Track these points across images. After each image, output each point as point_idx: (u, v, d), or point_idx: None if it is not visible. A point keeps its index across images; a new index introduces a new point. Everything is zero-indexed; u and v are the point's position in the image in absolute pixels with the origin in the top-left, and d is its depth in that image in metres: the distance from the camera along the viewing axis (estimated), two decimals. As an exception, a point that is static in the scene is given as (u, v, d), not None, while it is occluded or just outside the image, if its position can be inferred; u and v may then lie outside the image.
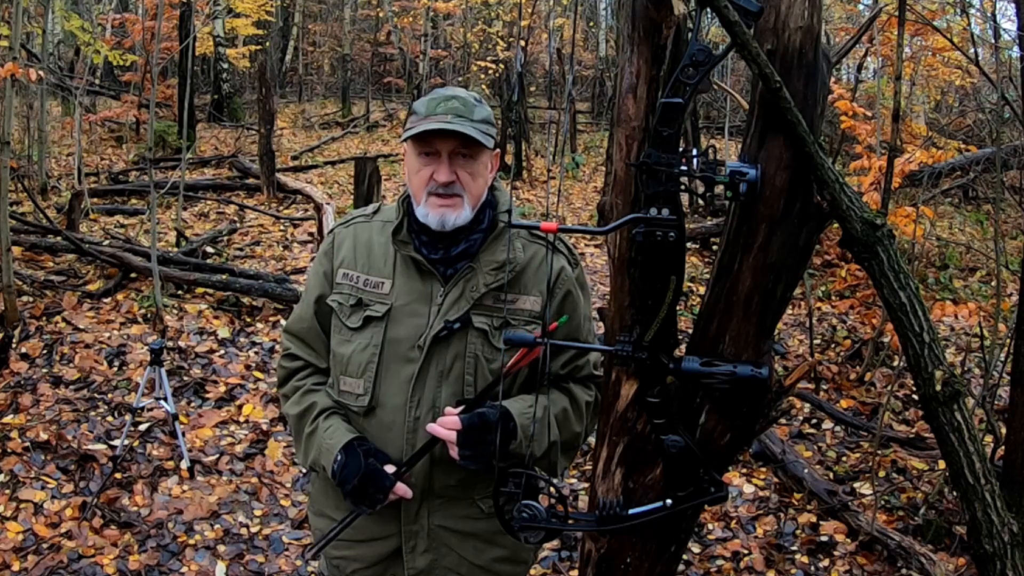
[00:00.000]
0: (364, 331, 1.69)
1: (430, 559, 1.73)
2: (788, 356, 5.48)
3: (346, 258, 1.75)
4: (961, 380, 1.26)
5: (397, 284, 1.70)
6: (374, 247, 1.74)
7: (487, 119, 1.65)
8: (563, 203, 9.62)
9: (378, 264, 1.72)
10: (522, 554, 1.82)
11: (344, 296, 1.72)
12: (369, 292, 1.71)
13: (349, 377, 1.71)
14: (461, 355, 1.66)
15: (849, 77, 12.75)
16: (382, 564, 1.78)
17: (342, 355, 1.72)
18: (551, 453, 1.67)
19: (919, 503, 3.73)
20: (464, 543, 1.74)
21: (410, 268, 1.70)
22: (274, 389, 4.73)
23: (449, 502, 1.72)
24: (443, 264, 1.68)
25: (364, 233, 1.76)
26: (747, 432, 1.35)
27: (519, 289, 1.69)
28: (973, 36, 4.77)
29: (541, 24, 15.15)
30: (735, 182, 1.21)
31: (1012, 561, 1.30)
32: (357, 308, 1.71)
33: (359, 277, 1.72)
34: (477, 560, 1.75)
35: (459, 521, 1.73)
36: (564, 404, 1.70)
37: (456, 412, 1.60)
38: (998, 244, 4.30)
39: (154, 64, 7.33)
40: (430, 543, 1.73)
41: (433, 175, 1.62)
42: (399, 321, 1.68)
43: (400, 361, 1.67)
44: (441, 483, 1.70)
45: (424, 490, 1.70)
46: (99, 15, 13.64)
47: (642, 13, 1.25)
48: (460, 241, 1.67)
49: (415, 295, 1.68)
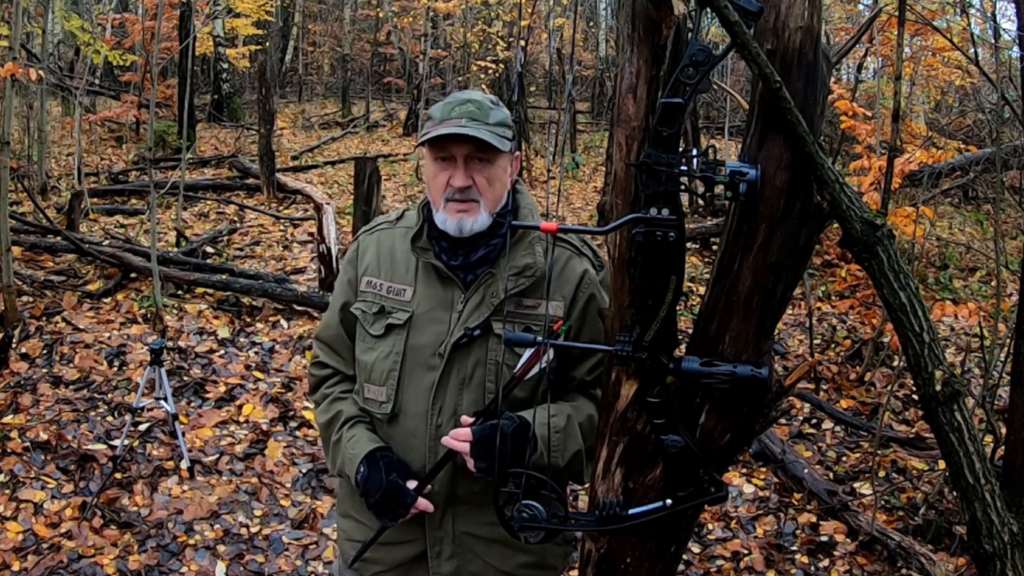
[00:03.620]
0: (386, 339, 1.69)
1: (455, 565, 1.72)
2: (788, 356, 5.48)
3: (370, 266, 1.75)
4: (961, 380, 1.26)
5: (418, 291, 1.69)
6: (397, 254, 1.73)
7: (503, 122, 1.63)
8: (563, 203, 9.62)
9: (400, 271, 1.71)
10: (549, 560, 1.79)
11: (368, 304, 1.72)
12: (391, 300, 1.70)
13: (373, 385, 1.71)
14: (482, 362, 1.64)
15: (849, 77, 12.76)
16: (403, 567, 1.77)
17: (366, 363, 1.72)
18: (575, 462, 1.65)
19: (919, 503, 3.73)
20: (489, 549, 1.72)
21: (431, 275, 1.69)
22: (274, 389, 4.74)
23: (474, 508, 1.70)
24: (463, 270, 1.67)
25: (387, 240, 1.76)
26: (747, 432, 1.35)
27: (541, 294, 1.66)
28: (973, 36, 4.77)
29: (541, 24, 15.15)
30: (735, 182, 1.21)
31: (1012, 561, 1.30)
32: (380, 316, 1.70)
33: (382, 284, 1.72)
34: (503, 566, 1.73)
35: (484, 527, 1.70)
36: (591, 411, 1.66)
37: (470, 422, 1.59)
38: (998, 244, 4.30)
39: (154, 64, 7.34)
40: (455, 549, 1.72)
41: (450, 180, 1.61)
42: (420, 328, 1.67)
43: (422, 368, 1.67)
44: (465, 489, 1.68)
45: (448, 496, 1.69)
46: (99, 15, 13.64)
47: (642, 13, 1.25)
48: (480, 247, 1.65)
49: (436, 302, 1.68)
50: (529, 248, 1.66)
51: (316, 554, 3.40)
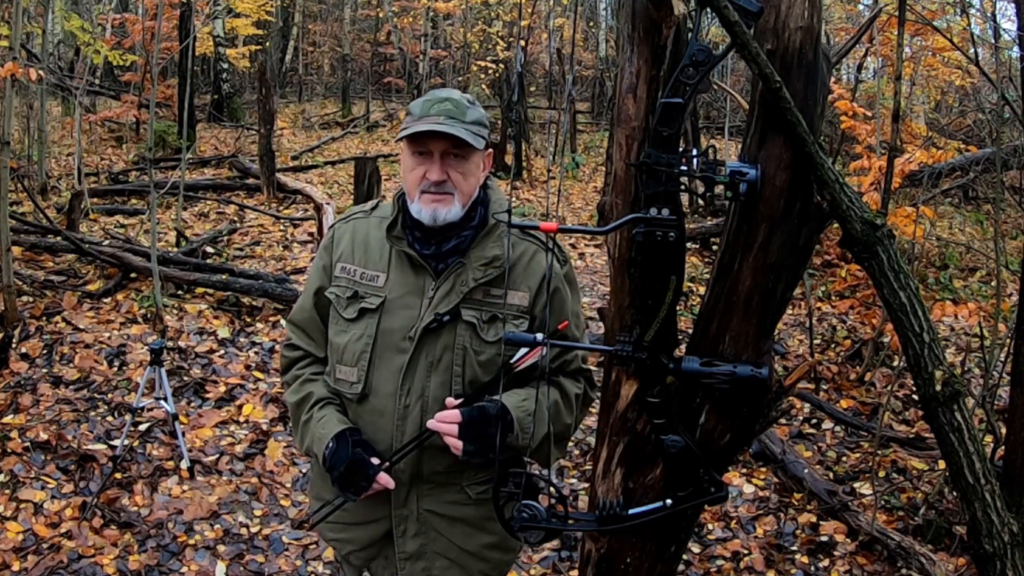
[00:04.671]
0: (359, 322, 1.76)
1: (420, 543, 1.79)
2: (788, 356, 5.48)
3: (344, 252, 1.82)
4: (961, 380, 1.26)
5: (391, 278, 1.76)
6: (371, 242, 1.80)
7: (479, 120, 1.71)
8: (563, 203, 9.62)
9: (374, 258, 1.79)
10: (511, 542, 1.86)
11: (341, 289, 1.79)
12: (365, 285, 1.77)
13: (344, 366, 1.77)
14: (450, 347, 1.71)
15: (849, 77, 12.75)
16: (375, 546, 1.85)
17: (338, 345, 1.78)
18: (545, 445, 1.72)
19: (919, 503, 3.73)
20: (453, 528, 1.79)
21: (404, 262, 1.76)
22: (274, 389, 4.74)
23: (438, 488, 1.78)
24: (435, 259, 1.74)
25: (362, 229, 1.83)
26: (747, 432, 1.35)
27: (508, 284, 1.74)
28: (973, 36, 4.76)
29: (541, 24, 15.15)
30: (735, 182, 1.21)
31: (1012, 561, 1.30)
32: (353, 300, 1.77)
33: (356, 271, 1.79)
34: (466, 545, 1.80)
35: (448, 507, 1.78)
36: (555, 397, 1.76)
37: (456, 405, 1.64)
38: (998, 244, 4.30)
39: (154, 64, 7.33)
40: (419, 527, 1.79)
41: (426, 174, 1.69)
42: (392, 313, 1.74)
43: (392, 351, 1.73)
44: (430, 469, 1.75)
45: (413, 475, 1.76)
46: (99, 15, 13.64)
47: (642, 13, 1.25)
48: (451, 237, 1.73)
49: (408, 288, 1.75)
50: (498, 240, 1.74)
51: (316, 554, 3.40)
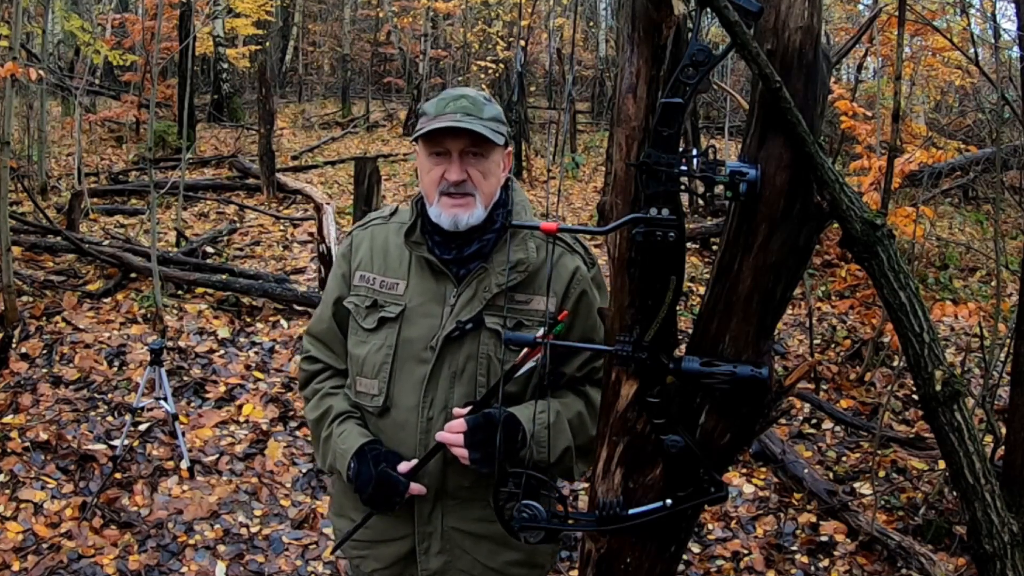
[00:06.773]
0: (379, 332, 1.69)
1: (444, 560, 1.73)
2: (788, 356, 5.48)
3: (363, 260, 1.75)
4: (961, 380, 1.26)
5: (411, 285, 1.70)
6: (390, 248, 1.74)
7: (497, 117, 1.64)
8: (563, 203, 9.62)
9: (393, 265, 1.72)
10: (538, 558, 1.79)
11: (360, 298, 1.73)
12: (384, 293, 1.71)
13: (364, 378, 1.71)
14: (474, 356, 1.65)
15: (849, 77, 12.76)
16: (398, 565, 1.77)
17: (358, 356, 1.72)
18: (566, 458, 1.66)
19: (919, 503, 3.73)
20: (478, 545, 1.72)
21: (424, 269, 1.69)
22: (274, 389, 4.74)
23: (463, 503, 1.71)
24: (456, 264, 1.67)
25: (381, 235, 1.77)
26: (747, 432, 1.35)
27: (533, 290, 1.66)
28: (973, 36, 4.77)
29: (541, 24, 15.15)
30: (735, 182, 1.21)
31: (1012, 561, 1.30)
32: (372, 309, 1.71)
33: (375, 279, 1.72)
34: (491, 563, 1.73)
35: (473, 523, 1.71)
36: (580, 408, 1.68)
37: (463, 414, 1.60)
38: (998, 244, 4.30)
39: (154, 64, 7.34)
40: (444, 544, 1.72)
41: (444, 174, 1.62)
42: (413, 322, 1.68)
43: (413, 362, 1.67)
44: (455, 484, 1.69)
45: (438, 491, 1.69)
46: (99, 15, 13.64)
47: (642, 13, 1.25)
48: (473, 241, 1.66)
49: (428, 296, 1.68)
50: (522, 243, 1.67)
51: (316, 554, 3.40)
